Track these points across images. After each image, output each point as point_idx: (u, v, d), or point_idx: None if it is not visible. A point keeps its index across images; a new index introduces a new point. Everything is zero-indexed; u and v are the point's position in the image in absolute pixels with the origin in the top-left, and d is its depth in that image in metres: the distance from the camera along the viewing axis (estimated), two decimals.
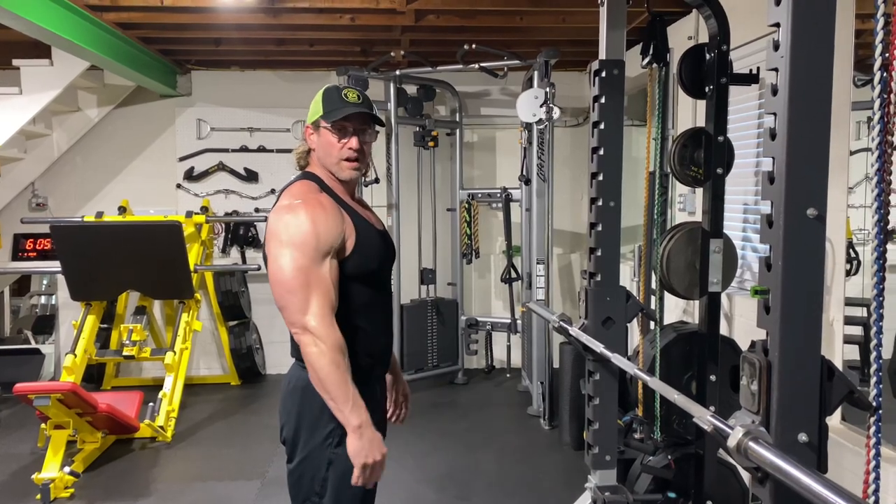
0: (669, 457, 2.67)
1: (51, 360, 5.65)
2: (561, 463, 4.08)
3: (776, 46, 1.32)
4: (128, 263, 4.83)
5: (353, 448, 1.74)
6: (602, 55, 2.35)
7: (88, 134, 5.73)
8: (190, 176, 5.82)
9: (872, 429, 1.41)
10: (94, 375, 5.36)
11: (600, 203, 2.34)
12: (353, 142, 1.90)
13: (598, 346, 2.28)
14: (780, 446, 1.29)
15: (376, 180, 5.13)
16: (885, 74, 1.33)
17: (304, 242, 1.76)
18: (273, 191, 5.74)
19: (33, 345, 5.76)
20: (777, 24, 1.32)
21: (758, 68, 2.56)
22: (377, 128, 1.98)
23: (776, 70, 1.32)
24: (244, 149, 5.83)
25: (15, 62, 4.84)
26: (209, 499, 3.68)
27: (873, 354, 1.39)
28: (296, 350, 1.91)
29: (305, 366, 1.78)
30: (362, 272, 1.88)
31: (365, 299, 1.90)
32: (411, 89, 5.46)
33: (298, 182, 1.92)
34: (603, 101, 2.33)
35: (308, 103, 1.97)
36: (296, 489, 1.92)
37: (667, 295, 2.71)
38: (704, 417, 1.51)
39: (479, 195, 5.69)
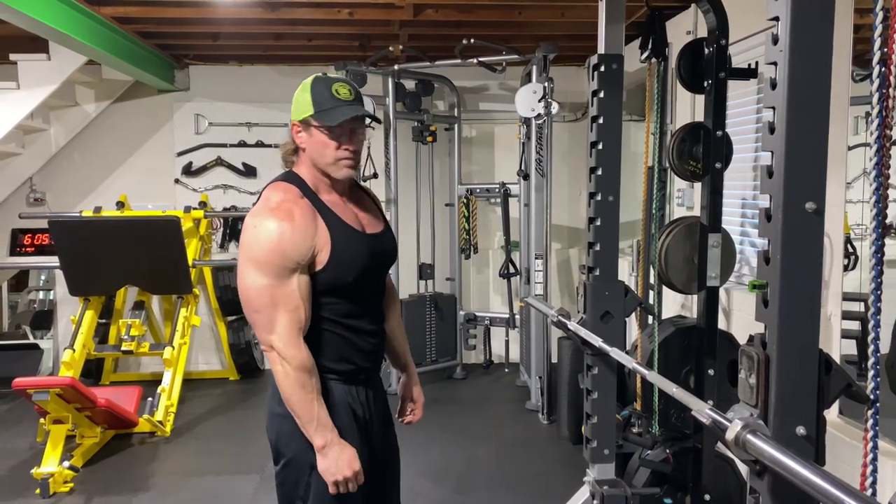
0: (668, 451, 2.68)
1: (49, 356, 5.65)
2: (559, 457, 4.09)
3: (775, 40, 1.32)
4: (126, 258, 4.83)
5: (321, 467, 1.76)
6: (601, 50, 2.35)
7: (86, 129, 5.72)
8: (188, 171, 5.82)
9: (870, 422, 1.41)
10: (92, 370, 5.36)
11: (599, 198, 2.35)
12: (352, 142, 1.81)
13: (597, 341, 2.28)
14: (779, 439, 1.29)
15: (374, 175, 5.13)
16: (883, 69, 1.33)
17: (268, 260, 1.71)
18: None
19: (31, 340, 5.75)
20: (776, 18, 1.32)
21: (756, 63, 2.56)
22: (373, 123, 1.92)
23: (775, 64, 1.32)
24: (242, 144, 5.83)
25: (12, 57, 4.81)
26: (208, 493, 3.69)
27: (871, 348, 1.40)
28: None
29: None
30: (336, 286, 1.80)
31: (342, 310, 1.84)
32: (409, 84, 5.45)
33: (278, 184, 1.84)
34: (602, 95, 2.33)
35: None
36: (281, 492, 1.90)
37: (665, 289, 2.71)
38: (703, 411, 1.52)
39: (478, 190, 5.69)
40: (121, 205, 5.44)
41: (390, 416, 2.09)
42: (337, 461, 1.74)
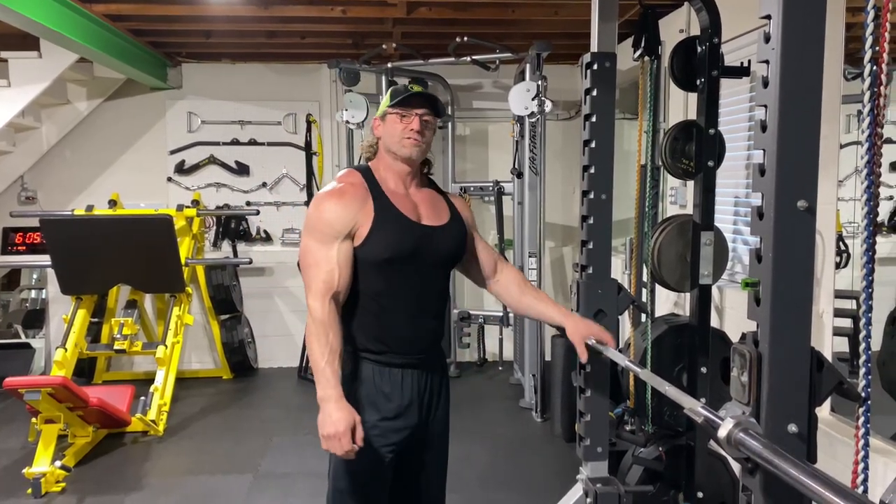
0: (660, 448, 2.69)
1: (41, 355, 5.62)
2: (552, 455, 4.10)
3: (767, 39, 1.32)
4: (118, 257, 4.81)
5: (318, 419, 1.88)
6: (594, 48, 2.35)
7: (78, 127, 5.69)
8: (181, 169, 5.80)
9: (861, 419, 1.42)
10: (85, 370, 5.34)
11: (592, 196, 2.35)
12: (415, 122, 2.02)
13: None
14: (771, 437, 1.29)
15: None
16: (874, 67, 1.34)
17: (314, 227, 1.98)
18: (264, 184, 5.72)
19: (23, 339, 5.72)
20: (768, 17, 1.32)
21: (749, 61, 2.57)
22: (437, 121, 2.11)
23: (767, 62, 1.32)
24: (235, 142, 5.80)
25: (3, 54, 4.79)
26: (201, 492, 3.68)
27: (862, 346, 1.40)
28: None
29: None
30: (371, 261, 1.98)
31: (377, 288, 1.99)
32: (403, 82, 5.44)
33: (347, 170, 2.11)
34: (594, 93, 2.33)
35: (299, 96, 2.03)
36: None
37: (658, 287, 2.72)
38: (695, 409, 1.52)
39: (472, 188, 5.69)
40: (113, 203, 5.41)
41: (437, 406, 2.13)
42: (326, 417, 1.85)
